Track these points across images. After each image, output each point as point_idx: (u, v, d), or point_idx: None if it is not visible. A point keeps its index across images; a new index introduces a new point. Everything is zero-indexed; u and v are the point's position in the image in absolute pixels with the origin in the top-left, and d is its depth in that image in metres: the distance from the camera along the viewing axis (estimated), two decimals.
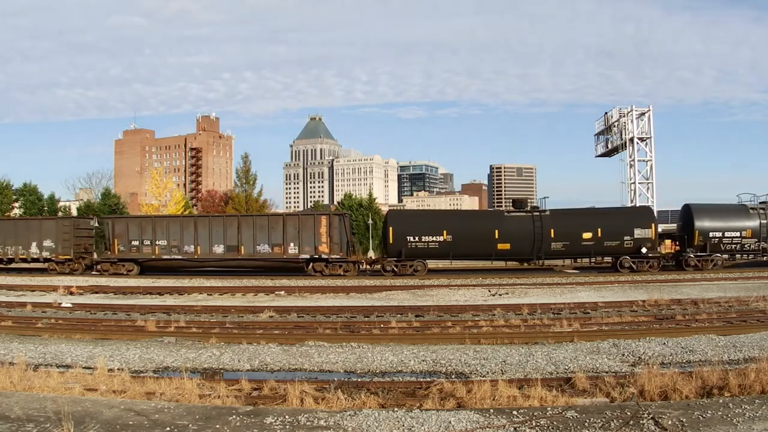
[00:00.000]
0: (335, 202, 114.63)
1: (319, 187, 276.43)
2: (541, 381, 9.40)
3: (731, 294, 21.46)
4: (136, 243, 33.93)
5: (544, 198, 34.09)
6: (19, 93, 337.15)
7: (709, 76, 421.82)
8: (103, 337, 14.91)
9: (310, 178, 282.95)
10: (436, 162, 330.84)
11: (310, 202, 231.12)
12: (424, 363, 11.79)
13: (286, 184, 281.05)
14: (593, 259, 34.02)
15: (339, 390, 9.33)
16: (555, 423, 6.92)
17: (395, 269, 31.48)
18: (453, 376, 10.87)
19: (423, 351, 12.51)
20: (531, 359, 11.66)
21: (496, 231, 31.41)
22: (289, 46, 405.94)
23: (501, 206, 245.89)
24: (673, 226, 38.59)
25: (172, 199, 60.51)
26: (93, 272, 34.75)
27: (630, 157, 45.59)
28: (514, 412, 7.38)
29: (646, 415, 7.10)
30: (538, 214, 32.43)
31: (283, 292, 25.22)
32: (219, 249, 33.22)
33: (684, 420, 6.92)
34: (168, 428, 6.87)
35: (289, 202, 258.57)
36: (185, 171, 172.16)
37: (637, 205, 42.98)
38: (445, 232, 31.43)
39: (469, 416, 7.27)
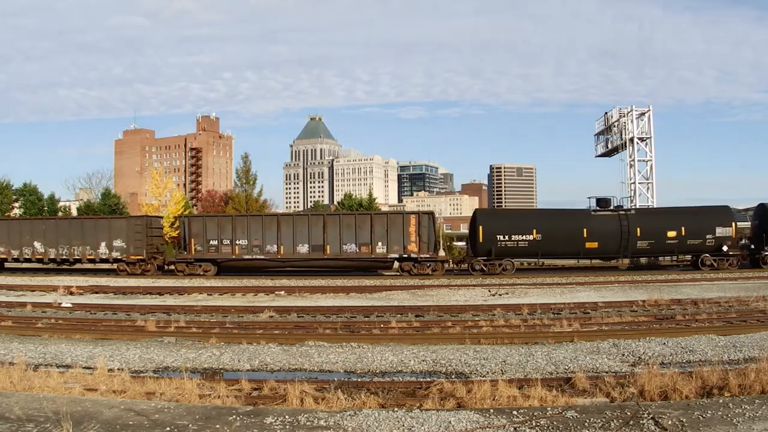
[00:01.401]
0: (335, 202, 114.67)
1: (319, 187, 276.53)
2: (541, 381, 9.39)
3: (731, 294, 21.46)
4: (214, 243, 32.97)
5: (628, 197, 34.14)
6: (20, 93, 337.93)
7: (710, 76, 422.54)
8: (103, 337, 14.91)
9: (310, 178, 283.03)
10: (436, 162, 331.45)
11: (310, 202, 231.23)
12: (424, 363, 11.78)
13: (286, 184, 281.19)
14: (675, 258, 34.28)
15: (339, 390, 9.33)
16: (555, 423, 6.92)
17: (484, 268, 31.45)
18: (453, 376, 10.86)
19: (423, 351, 12.51)
20: (531, 359, 11.66)
21: (585, 230, 31.61)
22: (291, 45, 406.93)
23: (501, 206, 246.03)
24: None
25: (172, 199, 60.43)
26: (163, 273, 34.16)
27: (630, 157, 45.60)
28: (514, 412, 7.37)
29: (646, 415, 7.10)
30: (624, 212, 32.82)
31: (283, 292, 25.22)
32: (303, 249, 32.41)
33: (684, 420, 6.92)
34: (168, 428, 6.87)
35: (289, 202, 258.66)
36: (185, 171, 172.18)
37: (638, 205, 43.00)
38: (534, 230, 31.56)
39: (469, 416, 7.27)
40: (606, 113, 48.72)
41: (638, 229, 31.61)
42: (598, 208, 33.74)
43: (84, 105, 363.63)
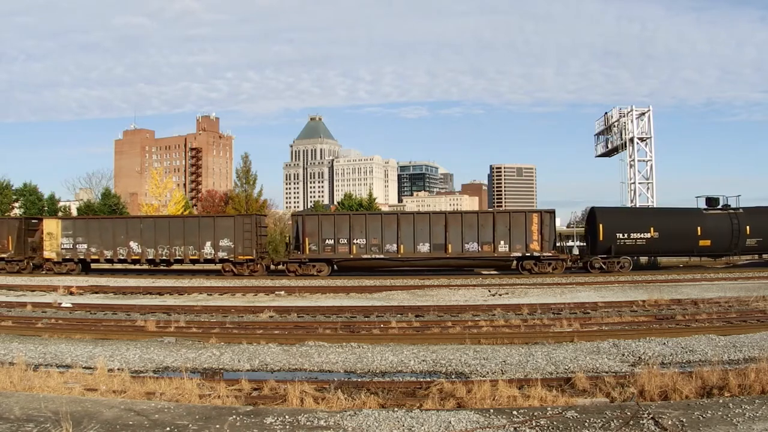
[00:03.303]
0: (335, 202, 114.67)
1: (319, 187, 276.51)
2: (541, 381, 9.39)
3: (731, 294, 21.46)
4: (330, 242, 32.22)
5: (738, 196, 34.51)
6: (21, 92, 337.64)
7: (712, 75, 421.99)
8: (103, 337, 14.91)
9: (310, 178, 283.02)
10: (436, 162, 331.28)
11: (310, 202, 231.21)
12: (424, 363, 11.79)
13: (286, 184, 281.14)
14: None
15: (339, 390, 9.33)
16: (555, 423, 6.92)
17: (603, 266, 31.60)
18: (453, 376, 10.86)
19: (423, 351, 12.51)
20: (531, 359, 11.66)
21: (699, 228, 32.00)
22: (293, 45, 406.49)
23: (501, 206, 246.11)
24: None
25: (172, 199, 60.48)
26: (268, 274, 33.46)
27: (630, 157, 45.63)
28: (514, 412, 7.38)
29: (646, 415, 7.10)
30: (733, 211, 33.12)
31: (283, 292, 25.23)
32: (424, 248, 31.93)
33: (684, 420, 6.92)
34: (168, 428, 6.87)
35: (289, 202, 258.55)
36: (185, 171, 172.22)
37: (638, 205, 43.02)
38: (652, 228, 31.93)
39: (469, 416, 7.27)
40: (606, 113, 48.77)
41: (747, 227, 32.15)
42: (708, 207, 34.19)
43: (85, 105, 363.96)
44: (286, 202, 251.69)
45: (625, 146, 45.80)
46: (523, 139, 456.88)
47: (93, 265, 35.52)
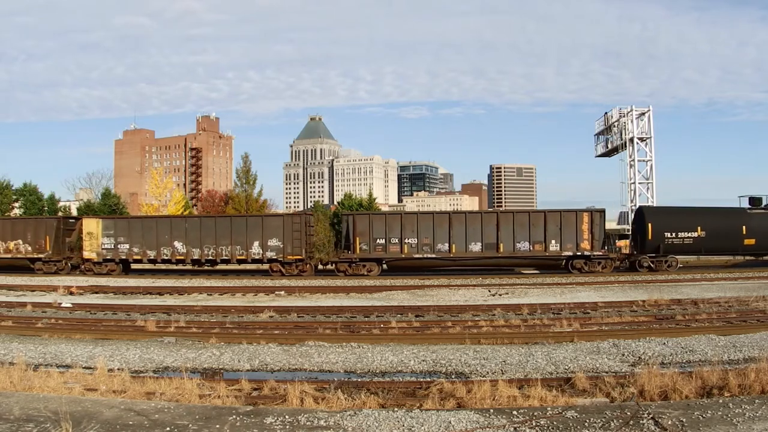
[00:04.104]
0: (335, 202, 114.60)
1: (319, 187, 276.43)
2: (541, 381, 9.40)
3: (731, 294, 21.46)
4: (381, 241, 32.15)
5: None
6: (22, 92, 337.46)
7: (713, 75, 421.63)
8: (103, 337, 14.92)
9: (310, 178, 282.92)
10: (436, 162, 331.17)
11: (310, 202, 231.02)
12: (424, 363, 11.79)
13: (286, 184, 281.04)
14: None
15: (339, 390, 9.33)
16: (555, 423, 6.92)
17: (651, 265, 31.86)
18: (453, 376, 10.87)
19: (423, 351, 12.52)
20: (531, 359, 11.66)
21: (744, 227, 32.40)
22: (294, 45, 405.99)
23: (501, 206, 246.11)
24: None
25: (172, 199, 60.45)
26: (316, 273, 33.32)
27: (630, 157, 45.63)
28: (514, 412, 7.38)
29: (646, 415, 7.10)
30: None
31: (283, 292, 25.22)
32: (476, 247, 32.01)
33: (684, 420, 6.92)
34: (168, 428, 6.87)
35: (289, 202, 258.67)
36: (185, 171, 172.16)
37: (637, 205, 43.00)
38: (699, 228, 32.30)
39: (469, 416, 7.27)
40: (606, 113, 48.77)
41: None
42: (751, 206, 34.45)
43: (86, 105, 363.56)
44: (286, 202, 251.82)
45: (625, 146, 45.80)
46: (523, 139, 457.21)
47: (133, 266, 35.12)
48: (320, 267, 34.42)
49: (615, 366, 11.29)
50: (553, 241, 31.98)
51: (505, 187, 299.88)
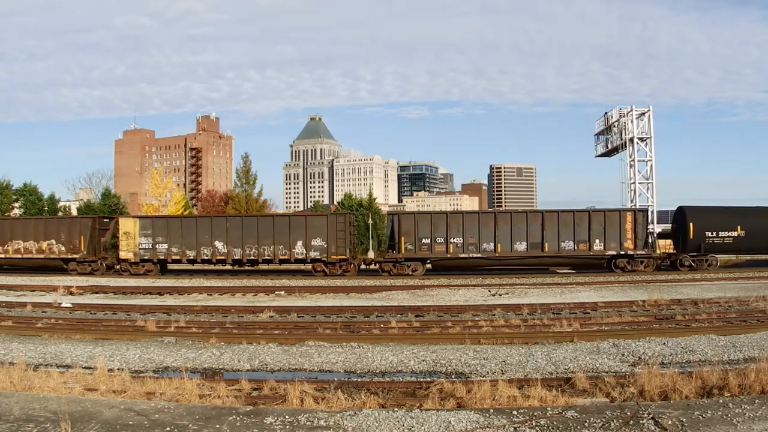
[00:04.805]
0: (335, 202, 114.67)
1: (319, 187, 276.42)
2: (541, 381, 9.39)
3: (731, 294, 21.47)
4: (426, 241, 32.12)
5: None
6: (22, 92, 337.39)
7: (714, 75, 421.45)
8: (103, 337, 14.92)
9: (310, 178, 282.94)
10: (436, 162, 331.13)
11: (310, 202, 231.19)
12: (424, 363, 11.79)
13: (286, 184, 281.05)
14: None
15: (339, 390, 9.33)
16: (555, 423, 6.92)
17: (692, 264, 32.22)
18: (453, 376, 10.87)
19: (423, 351, 12.52)
20: (531, 359, 11.66)
21: None
22: (294, 45, 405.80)
23: (501, 206, 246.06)
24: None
25: (172, 199, 60.43)
26: (359, 274, 33.11)
27: (630, 157, 45.54)
28: (514, 412, 7.38)
29: (646, 415, 7.10)
30: None
31: (283, 292, 25.23)
32: (521, 246, 32.09)
33: (684, 420, 6.92)
34: (168, 428, 6.87)
35: (289, 202, 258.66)
36: (185, 171, 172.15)
37: (637, 205, 43.00)
38: (739, 227, 32.67)
39: (469, 416, 7.27)
40: (606, 113, 48.68)
41: None
42: None
43: (86, 105, 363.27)
44: (286, 202, 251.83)
45: (625, 146, 45.73)
46: (524, 139, 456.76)
47: (169, 266, 34.90)
48: (362, 267, 34.24)
49: (615, 366, 11.29)
50: (597, 241, 32.05)
51: (505, 187, 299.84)
